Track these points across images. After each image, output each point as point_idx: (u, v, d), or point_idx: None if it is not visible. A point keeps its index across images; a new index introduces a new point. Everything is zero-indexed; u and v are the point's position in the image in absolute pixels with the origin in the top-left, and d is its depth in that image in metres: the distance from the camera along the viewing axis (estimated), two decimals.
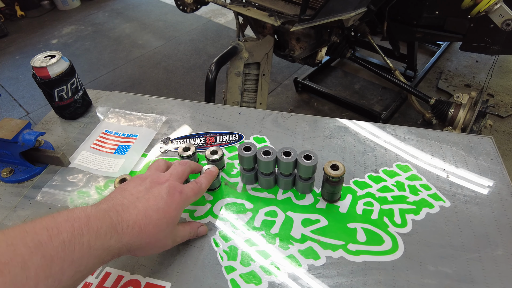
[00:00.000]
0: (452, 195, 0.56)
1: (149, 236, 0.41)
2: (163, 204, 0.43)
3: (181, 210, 0.45)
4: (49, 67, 0.66)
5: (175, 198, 0.44)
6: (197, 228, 0.51)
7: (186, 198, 0.46)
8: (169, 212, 0.43)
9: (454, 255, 0.48)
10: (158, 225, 0.42)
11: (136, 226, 0.40)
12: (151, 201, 0.43)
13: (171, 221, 0.44)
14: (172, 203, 0.44)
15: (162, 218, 0.42)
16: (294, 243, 0.51)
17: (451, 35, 1.40)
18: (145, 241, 0.41)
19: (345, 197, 0.56)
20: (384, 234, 0.52)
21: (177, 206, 0.44)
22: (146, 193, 0.44)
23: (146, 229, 0.41)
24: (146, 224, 0.41)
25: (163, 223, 0.42)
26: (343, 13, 1.03)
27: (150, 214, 0.41)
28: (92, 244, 0.35)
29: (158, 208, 0.42)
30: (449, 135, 0.66)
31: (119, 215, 0.39)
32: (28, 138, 0.58)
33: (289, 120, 0.71)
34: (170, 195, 0.44)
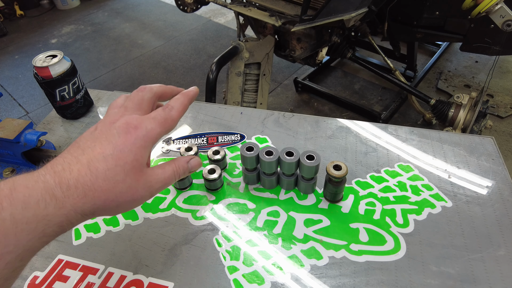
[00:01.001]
0: (454, 195, 0.56)
1: (103, 192, 0.33)
2: (111, 149, 0.34)
3: (143, 149, 0.36)
4: (51, 67, 0.66)
5: (129, 137, 0.35)
6: (185, 163, 0.41)
7: (146, 132, 0.36)
8: (123, 157, 0.34)
9: (456, 255, 0.49)
10: (110, 177, 0.33)
11: (79, 185, 0.32)
12: (97, 149, 0.34)
13: (129, 167, 0.34)
14: (126, 144, 0.35)
15: (114, 167, 0.34)
16: (297, 243, 0.51)
17: (451, 35, 1.40)
18: (100, 200, 0.33)
19: (347, 197, 0.56)
20: (386, 234, 0.52)
21: (134, 145, 0.35)
22: (94, 140, 0.35)
23: (95, 186, 0.33)
24: (93, 180, 0.33)
25: (117, 172, 0.34)
26: (344, 13, 1.03)
27: (96, 167, 0.33)
28: (18, 218, 0.29)
29: (105, 156, 0.34)
30: (451, 136, 0.66)
31: (57, 176, 0.32)
32: (30, 138, 0.58)
33: (291, 120, 0.71)
34: (122, 134, 0.35)
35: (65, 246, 0.52)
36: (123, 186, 0.34)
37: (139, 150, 0.35)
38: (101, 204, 0.33)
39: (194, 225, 0.54)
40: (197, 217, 0.55)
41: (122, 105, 0.39)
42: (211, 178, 0.56)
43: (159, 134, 0.37)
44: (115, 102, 0.40)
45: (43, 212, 0.30)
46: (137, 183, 0.35)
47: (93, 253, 0.51)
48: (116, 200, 0.34)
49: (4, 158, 0.63)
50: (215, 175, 0.56)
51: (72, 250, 0.52)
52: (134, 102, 0.39)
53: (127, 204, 0.36)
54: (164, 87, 0.42)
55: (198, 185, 0.60)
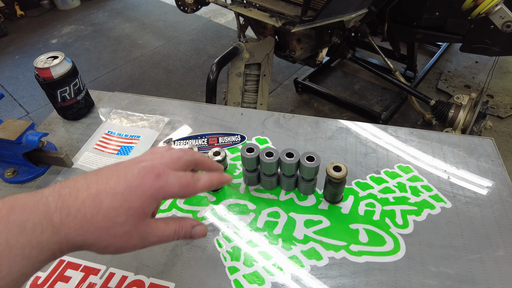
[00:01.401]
0: (453, 196, 0.57)
1: (98, 229, 0.31)
2: (123, 187, 0.32)
3: (153, 200, 0.33)
4: (52, 68, 0.66)
5: (145, 182, 0.33)
6: (190, 227, 0.37)
7: (164, 185, 0.34)
8: (131, 200, 0.32)
9: (455, 255, 0.49)
10: (112, 217, 0.31)
11: (79, 214, 0.30)
12: (111, 182, 0.32)
13: (133, 212, 0.32)
14: (139, 188, 0.32)
15: (119, 207, 0.32)
16: (297, 244, 0.51)
17: (451, 36, 1.41)
18: (92, 236, 0.31)
19: (347, 198, 0.57)
20: (386, 235, 0.52)
21: (146, 192, 0.33)
22: (113, 173, 0.33)
23: (93, 220, 0.31)
24: (94, 213, 0.31)
25: (119, 214, 0.32)
26: (344, 14, 1.03)
27: (101, 200, 0.31)
28: (12, 243, 0.28)
29: (116, 193, 0.32)
30: (450, 137, 0.67)
31: (61, 200, 0.31)
32: (31, 139, 0.59)
33: (291, 121, 0.71)
34: (140, 177, 0.33)
35: None
36: (120, 229, 0.32)
37: (148, 199, 0.33)
38: (93, 240, 0.32)
39: None
40: (198, 217, 0.55)
41: (161, 153, 0.37)
42: None
43: (175, 194, 0.35)
44: (157, 148, 0.39)
45: (38, 238, 0.29)
46: (134, 231, 0.33)
47: (95, 254, 0.51)
48: (108, 240, 0.32)
49: (6, 159, 0.63)
50: None
51: None
52: (172, 156, 0.37)
53: (117, 248, 0.33)
54: (205, 158, 0.41)
55: None
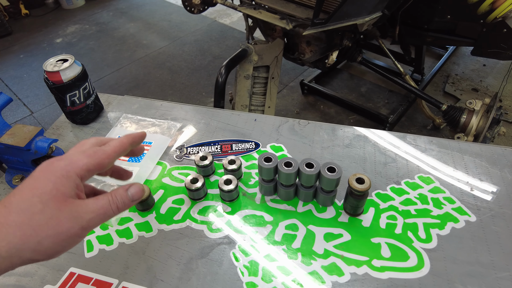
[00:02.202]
0: (478, 209, 0.54)
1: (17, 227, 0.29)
2: (28, 182, 0.32)
3: (65, 179, 0.32)
4: (62, 71, 0.65)
5: (49, 167, 0.33)
6: (124, 191, 0.37)
7: (69, 162, 0.33)
8: (39, 186, 0.31)
9: (483, 273, 0.47)
10: (25, 209, 0.30)
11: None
12: (18, 187, 0.32)
13: (48, 197, 0.31)
14: (43, 174, 0.32)
15: (30, 198, 0.30)
16: (317, 258, 0.49)
17: (462, 39, 1.38)
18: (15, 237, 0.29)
19: (367, 210, 0.54)
20: (409, 250, 0.50)
21: (53, 174, 0.32)
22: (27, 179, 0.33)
23: (8, 221, 0.29)
24: (6, 215, 0.30)
25: (33, 203, 0.30)
26: (357, 17, 1.01)
27: (10, 201, 0.30)
28: None
29: (22, 189, 0.31)
30: (471, 146, 0.64)
31: None
32: (41, 146, 0.57)
33: (306, 128, 0.69)
34: (43, 167, 0.33)
35: (77, 258, 0.51)
36: (42, 217, 0.30)
37: (59, 179, 0.32)
38: (18, 241, 0.29)
39: (210, 238, 0.52)
40: (213, 229, 0.53)
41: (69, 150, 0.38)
42: (228, 189, 0.54)
43: (85, 164, 0.34)
44: None
45: None
46: (59, 213, 0.31)
47: (106, 266, 0.49)
48: (35, 234, 0.30)
49: (14, 165, 0.61)
50: (232, 186, 0.54)
51: (84, 262, 0.50)
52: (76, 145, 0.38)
53: (51, 238, 0.31)
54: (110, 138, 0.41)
55: (213, 195, 0.58)
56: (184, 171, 0.62)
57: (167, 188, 0.59)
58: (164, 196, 0.58)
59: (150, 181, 0.61)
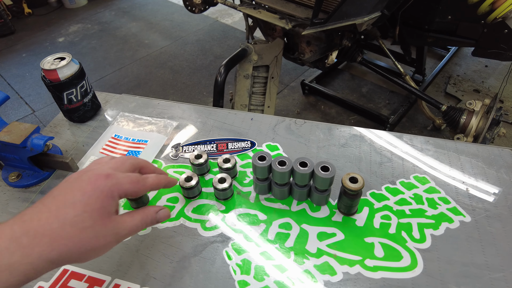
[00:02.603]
0: (473, 210, 0.54)
1: (69, 239, 0.33)
2: (80, 195, 0.35)
3: (109, 198, 0.36)
4: (59, 69, 0.65)
5: (97, 184, 0.36)
6: (153, 213, 0.42)
7: (116, 183, 0.37)
8: (91, 203, 0.35)
9: (477, 274, 0.46)
10: (77, 223, 0.34)
11: (46, 232, 0.32)
12: (67, 196, 0.35)
13: (97, 214, 0.35)
14: (94, 191, 0.35)
15: (82, 213, 0.34)
16: (310, 257, 0.49)
17: (463, 40, 1.38)
18: (66, 247, 0.33)
19: (362, 209, 0.54)
20: (402, 250, 0.50)
21: (101, 193, 0.36)
22: (65, 188, 0.36)
23: (62, 233, 0.33)
24: (61, 227, 0.33)
25: (84, 219, 0.34)
26: (356, 17, 1.01)
27: (64, 213, 0.34)
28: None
29: (75, 202, 0.34)
30: (468, 146, 0.64)
31: (25, 225, 0.33)
32: (37, 143, 0.57)
33: (302, 127, 0.69)
34: (92, 182, 0.36)
35: None
36: (91, 232, 0.35)
37: (106, 199, 0.36)
38: (67, 251, 0.33)
39: (203, 236, 0.52)
40: (207, 227, 0.53)
41: (105, 161, 0.41)
42: (222, 188, 0.54)
43: (127, 190, 0.38)
44: (101, 159, 0.42)
45: (8, 261, 0.31)
46: (105, 230, 0.36)
47: (99, 264, 0.50)
48: (83, 246, 0.34)
49: (10, 163, 0.62)
50: (226, 185, 0.54)
51: None
52: (117, 161, 0.41)
53: (94, 251, 0.36)
54: (149, 163, 0.45)
55: (208, 193, 0.58)
56: (179, 170, 0.62)
57: None
58: (159, 194, 0.58)
59: None
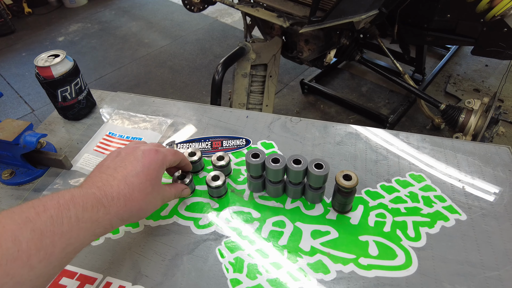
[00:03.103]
0: (469, 208, 0.54)
1: (138, 202, 0.42)
2: (140, 167, 0.43)
3: (161, 169, 0.46)
4: (53, 66, 0.64)
5: (152, 158, 0.45)
6: (181, 190, 0.53)
7: (163, 156, 0.46)
8: (150, 173, 0.44)
9: (472, 272, 0.46)
10: (143, 189, 0.42)
11: (121, 196, 0.40)
12: (128, 167, 0.43)
13: (154, 182, 0.44)
14: (151, 164, 0.44)
15: (145, 181, 0.43)
16: (303, 255, 0.48)
17: (463, 39, 1.37)
18: (135, 208, 0.42)
19: (356, 207, 0.54)
20: (397, 248, 0.49)
21: (156, 165, 0.45)
22: (122, 161, 0.44)
23: (132, 197, 0.41)
24: (131, 192, 0.41)
25: (147, 186, 0.43)
26: (354, 15, 1.00)
27: (131, 181, 0.41)
28: (80, 217, 0.36)
29: (138, 172, 0.42)
30: (464, 144, 0.64)
31: (101, 190, 0.40)
32: (29, 140, 0.57)
33: (298, 125, 0.68)
34: (146, 156, 0.45)
35: None
36: (151, 196, 0.44)
37: (160, 169, 0.46)
38: (136, 210, 0.42)
39: (196, 234, 0.52)
40: (200, 225, 0.53)
41: (138, 142, 0.50)
42: (215, 185, 0.54)
43: (171, 160, 0.49)
44: (131, 142, 0.51)
45: (96, 216, 0.38)
46: (158, 195, 0.46)
47: (91, 261, 0.49)
48: (145, 207, 0.44)
49: (3, 160, 0.61)
50: (219, 182, 0.54)
51: None
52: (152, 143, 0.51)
53: (148, 211, 0.45)
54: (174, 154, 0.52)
55: (201, 191, 0.58)
56: None
57: None
58: None
59: None
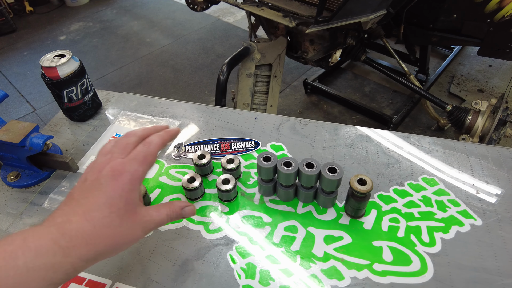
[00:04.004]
0: (483, 213, 0.53)
1: (104, 239, 0.36)
2: (103, 198, 0.36)
3: (132, 192, 0.38)
4: (59, 67, 0.63)
5: (117, 184, 0.37)
6: (179, 209, 0.43)
7: (131, 176, 0.38)
8: (115, 204, 0.36)
9: (488, 280, 0.45)
10: (108, 224, 0.36)
11: (81, 235, 0.34)
12: (90, 199, 0.36)
13: (123, 212, 0.37)
14: (115, 191, 0.37)
15: (109, 215, 0.36)
16: (316, 261, 0.47)
17: (468, 39, 1.36)
18: (101, 246, 0.35)
19: (369, 212, 0.53)
20: (411, 254, 0.48)
21: (122, 191, 0.37)
22: (86, 191, 0.37)
23: (95, 235, 0.35)
24: (92, 229, 0.35)
25: (113, 219, 0.36)
26: (361, 15, 0.99)
27: (92, 216, 0.35)
28: (30, 266, 0.31)
29: (100, 206, 0.36)
30: (477, 147, 0.63)
31: (60, 228, 0.34)
32: (36, 142, 0.56)
33: (307, 127, 0.67)
34: (110, 182, 0.37)
35: None
36: (121, 229, 0.37)
37: (128, 194, 0.38)
38: (102, 249, 0.36)
39: (206, 239, 0.51)
40: (210, 230, 0.52)
41: (109, 151, 0.40)
42: (226, 189, 0.53)
43: (142, 173, 0.39)
44: (103, 149, 0.42)
45: (52, 261, 0.32)
46: (133, 224, 0.38)
47: (100, 267, 0.48)
48: (115, 243, 0.37)
49: (9, 162, 0.60)
50: (230, 186, 0.53)
51: None
52: (119, 147, 0.40)
53: (125, 244, 0.38)
54: (148, 129, 0.44)
55: (211, 195, 0.57)
56: (181, 170, 0.61)
57: (164, 187, 0.58)
58: (161, 195, 0.57)
59: (147, 179, 0.60)
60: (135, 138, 0.42)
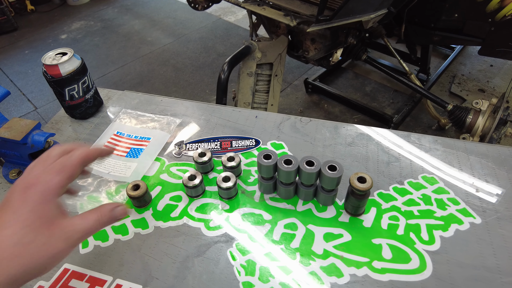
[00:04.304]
0: (483, 211, 0.53)
1: (14, 259, 0.32)
2: (12, 214, 0.33)
3: (46, 203, 0.35)
4: (61, 65, 0.64)
5: (27, 197, 0.34)
6: (109, 211, 0.39)
7: (44, 186, 0.35)
8: (26, 218, 0.33)
9: (488, 278, 0.45)
10: (19, 241, 0.32)
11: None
12: (1, 218, 0.34)
13: (37, 225, 0.33)
14: (25, 205, 0.34)
15: (19, 230, 0.33)
16: (316, 259, 0.48)
17: (470, 38, 1.36)
18: (14, 268, 0.32)
19: (369, 210, 0.53)
20: (410, 251, 0.48)
21: (34, 203, 0.34)
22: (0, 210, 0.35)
23: (7, 254, 0.32)
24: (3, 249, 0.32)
25: (25, 234, 0.33)
26: (363, 14, 0.99)
27: (2, 235, 0.32)
28: None
29: (10, 222, 0.33)
30: (477, 146, 0.63)
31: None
32: (37, 140, 0.56)
33: (308, 125, 0.68)
34: (20, 196, 0.34)
35: (71, 254, 0.50)
36: (36, 245, 0.33)
37: (41, 206, 0.34)
38: (19, 270, 0.32)
39: (207, 236, 0.51)
40: (210, 227, 0.52)
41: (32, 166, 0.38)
42: (226, 187, 0.53)
43: (58, 183, 0.36)
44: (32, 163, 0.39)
45: None
46: (51, 238, 0.34)
47: (101, 263, 0.49)
48: (34, 260, 0.33)
49: (11, 159, 0.61)
50: (230, 183, 0.53)
51: (79, 259, 0.49)
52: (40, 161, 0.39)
53: (47, 261, 0.34)
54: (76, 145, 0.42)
55: (212, 192, 0.57)
56: (182, 168, 0.61)
57: (164, 185, 0.58)
58: (162, 192, 0.57)
59: (148, 177, 0.60)
60: (58, 151, 0.40)
